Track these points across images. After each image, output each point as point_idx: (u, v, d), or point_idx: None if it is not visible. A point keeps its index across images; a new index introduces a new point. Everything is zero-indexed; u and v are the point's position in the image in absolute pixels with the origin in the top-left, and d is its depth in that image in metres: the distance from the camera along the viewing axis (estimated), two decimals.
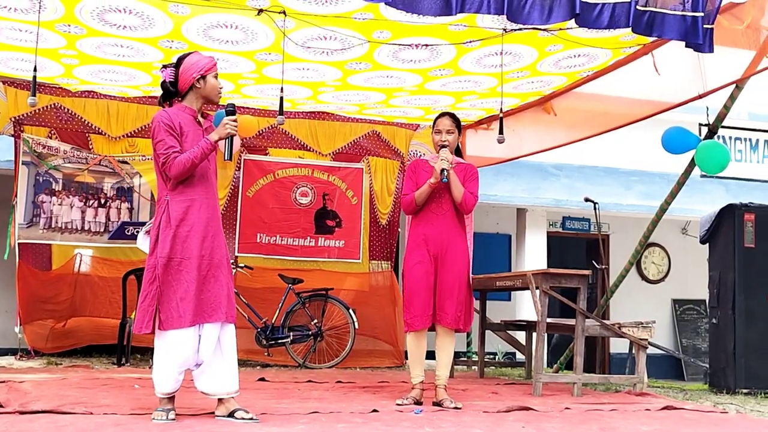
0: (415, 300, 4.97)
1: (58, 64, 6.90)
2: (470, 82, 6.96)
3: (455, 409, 4.83)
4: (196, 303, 3.97)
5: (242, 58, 6.40)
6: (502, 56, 6.06)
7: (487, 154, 8.94)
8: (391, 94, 7.52)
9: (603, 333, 6.26)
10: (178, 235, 4.00)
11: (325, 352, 8.23)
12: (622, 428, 4.26)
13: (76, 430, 3.67)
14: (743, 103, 9.87)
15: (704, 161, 6.87)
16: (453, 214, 5.09)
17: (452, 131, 5.14)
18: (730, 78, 5.89)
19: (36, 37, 5.69)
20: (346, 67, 6.54)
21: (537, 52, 6.18)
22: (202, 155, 4.04)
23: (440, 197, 5.08)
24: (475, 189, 5.14)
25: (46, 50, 6.40)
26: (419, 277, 4.99)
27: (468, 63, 6.42)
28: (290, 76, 6.68)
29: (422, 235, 5.07)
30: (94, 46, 6.28)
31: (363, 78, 6.87)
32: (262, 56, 6.31)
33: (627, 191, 11.96)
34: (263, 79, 7.00)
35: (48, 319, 7.95)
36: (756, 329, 6.57)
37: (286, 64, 6.18)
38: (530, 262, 11.49)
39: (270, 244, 8.61)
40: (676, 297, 13.35)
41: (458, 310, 4.95)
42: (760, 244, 6.65)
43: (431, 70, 6.60)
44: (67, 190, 8.06)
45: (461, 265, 5.03)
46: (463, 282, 5.01)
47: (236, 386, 4.16)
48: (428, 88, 7.18)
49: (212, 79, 4.18)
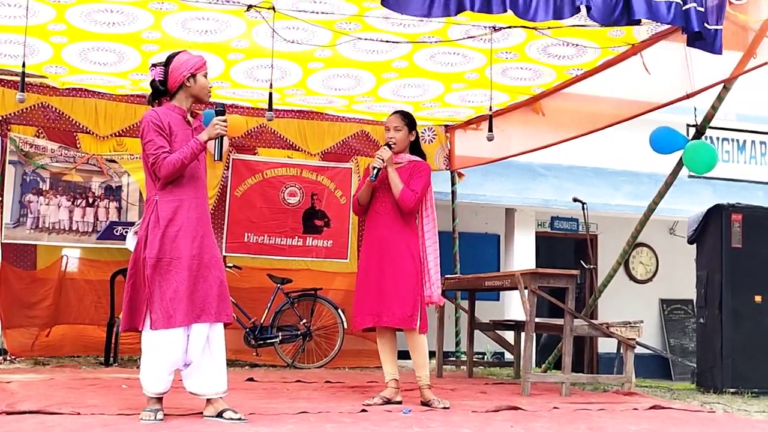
0: (358, 300, 5.02)
1: (46, 44, 6.71)
2: (459, 55, 6.87)
3: (444, 408, 4.82)
4: (187, 303, 3.96)
5: (233, 17, 6.29)
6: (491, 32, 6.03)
7: (476, 154, 8.96)
8: (380, 76, 7.40)
9: (591, 333, 6.28)
10: (167, 235, 3.99)
11: (314, 352, 8.22)
12: (610, 428, 4.28)
13: (63, 430, 3.66)
14: (731, 104, 9.92)
15: (692, 161, 6.90)
16: (396, 213, 5.00)
17: (400, 128, 5.07)
18: (718, 78, 5.92)
19: (26, 11, 5.59)
20: (335, 27, 6.36)
21: (525, 33, 6.14)
22: (192, 155, 4.03)
23: (382, 197, 5.05)
24: (417, 186, 4.97)
25: (36, 27, 6.26)
26: (362, 277, 5.04)
27: (457, 33, 6.33)
28: (280, 43, 6.56)
29: (368, 236, 5.11)
30: (84, 14, 6.16)
31: (352, 44, 6.73)
32: (252, 14, 6.22)
33: (615, 191, 12.01)
34: (254, 48, 6.81)
35: (31, 326, 7.80)
36: (743, 329, 6.60)
37: (276, 22, 6.07)
38: (519, 262, 11.52)
39: (258, 243, 8.59)
40: (663, 297, 13.40)
41: (405, 309, 4.86)
42: (747, 244, 6.68)
43: (421, 36, 6.49)
44: (54, 189, 7.98)
45: (405, 265, 4.92)
46: (409, 281, 4.90)
47: (225, 386, 4.15)
48: (417, 62, 7.04)
49: (202, 78, 4.17)
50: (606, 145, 11.38)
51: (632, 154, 11.59)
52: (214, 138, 4.12)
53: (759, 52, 5.42)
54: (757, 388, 6.48)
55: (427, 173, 5.10)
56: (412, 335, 4.94)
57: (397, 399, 4.99)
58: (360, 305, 5.03)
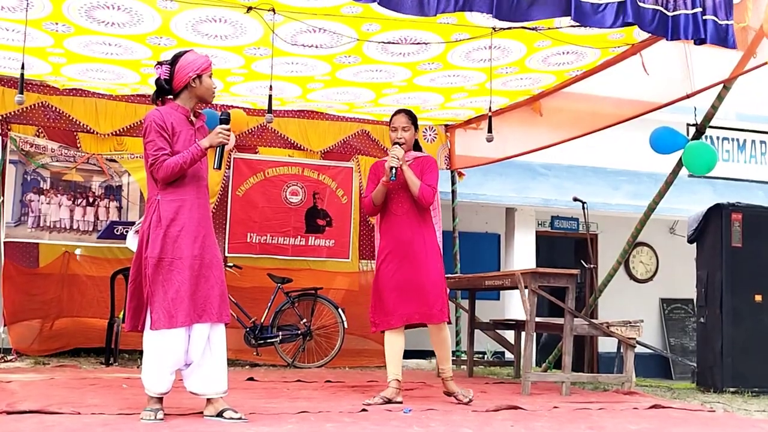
0: (384, 300, 5.01)
1: (45, 63, 6.87)
2: (459, 77, 6.95)
3: (468, 402, 4.98)
4: (189, 303, 3.96)
5: (231, 54, 6.37)
6: (491, 50, 6.07)
7: (476, 153, 8.96)
8: (380, 92, 7.50)
9: (591, 332, 6.28)
10: (168, 235, 3.99)
11: (315, 352, 8.22)
12: (611, 427, 4.28)
13: (63, 430, 3.66)
14: (731, 104, 9.92)
15: (691, 162, 6.90)
16: (414, 212, 5.06)
17: (408, 128, 5.10)
18: (718, 78, 5.93)
19: (23, 36, 5.66)
20: (335, 61, 6.52)
21: (525, 47, 6.20)
22: (192, 161, 4.04)
23: (399, 196, 5.07)
24: (432, 181, 5.05)
25: (34, 49, 6.37)
26: (385, 279, 5.03)
27: (457, 57, 6.43)
28: (279, 71, 6.65)
29: (388, 237, 5.09)
30: (82, 44, 6.25)
31: (352, 72, 6.85)
32: (251, 51, 6.29)
33: (615, 191, 12.00)
34: (252, 75, 6.97)
35: (34, 319, 7.87)
36: (743, 328, 6.61)
37: (275, 58, 6.16)
38: (519, 262, 11.52)
39: (260, 243, 8.58)
40: (663, 296, 13.40)
41: (437, 305, 4.95)
42: (748, 243, 6.68)
43: (420, 63, 6.59)
44: (55, 188, 8.00)
45: (429, 261, 5.00)
46: (437, 278, 5.00)
47: (225, 386, 4.15)
48: (417, 83, 7.16)
49: (207, 79, 4.17)
50: (606, 145, 11.39)
51: (632, 153, 11.60)
52: (215, 146, 4.12)
53: (759, 52, 5.43)
54: (757, 387, 6.48)
55: (436, 166, 5.19)
56: (438, 330, 5.05)
57: (398, 399, 5.00)
58: (383, 307, 5.02)
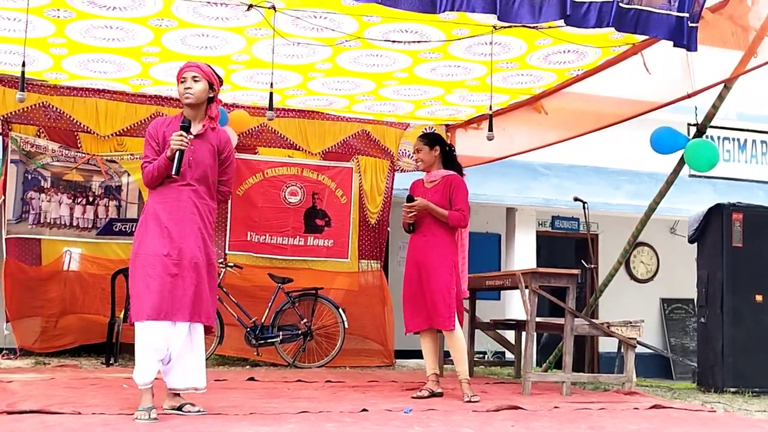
0: (408, 308, 5.56)
1: (46, 56, 6.81)
2: (460, 68, 6.90)
3: (470, 402, 5.17)
4: (159, 299, 4.10)
5: (233, 34, 6.33)
6: (491, 45, 6.05)
7: (476, 153, 8.95)
8: (380, 83, 7.43)
9: (592, 332, 6.28)
10: (147, 232, 4.21)
11: (315, 352, 8.22)
12: (611, 427, 4.28)
13: (64, 430, 3.66)
14: (732, 103, 9.92)
15: (694, 158, 6.90)
16: (433, 232, 5.47)
17: (420, 148, 5.64)
18: (719, 78, 5.92)
19: (25, 25, 5.65)
20: (336, 44, 6.47)
21: (526, 44, 6.19)
22: (158, 168, 4.26)
23: (426, 222, 5.49)
24: (461, 203, 5.47)
25: (35, 40, 6.33)
26: (404, 290, 5.60)
27: (458, 50, 6.40)
28: (280, 57, 6.60)
29: (409, 254, 5.61)
30: (83, 30, 6.20)
31: (353, 57, 6.78)
32: (252, 31, 6.26)
33: (616, 191, 12.00)
34: (253, 61, 6.90)
35: (38, 316, 7.88)
36: (744, 328, 6.60)
37: (276, 39, 6.12)
38: (520, 262, 11.50)
39: (260, 242, 8.58)
40: (664, 296, 13.40)
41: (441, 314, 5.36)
42: (748, 243, 6.68)
43: (421, 52, 6.56)
44: (55, 187, 8.03)
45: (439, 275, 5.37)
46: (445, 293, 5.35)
47: (204, 383, 4.31)
48: (418, 73, 7.09)
49: (179, 85, 4.39)
50: (607, 145, 11.39)
51: (633, 153, 11.59)
52: (173, 153, 4.20)
53: (759, 52, 5.42)
54: (757, 387, 6.48)
55: (463, 185, 5.55)
56: (449, 335, 5.43)
57: (438, 391, 5.50)
58: (411, 312, 5.55)
